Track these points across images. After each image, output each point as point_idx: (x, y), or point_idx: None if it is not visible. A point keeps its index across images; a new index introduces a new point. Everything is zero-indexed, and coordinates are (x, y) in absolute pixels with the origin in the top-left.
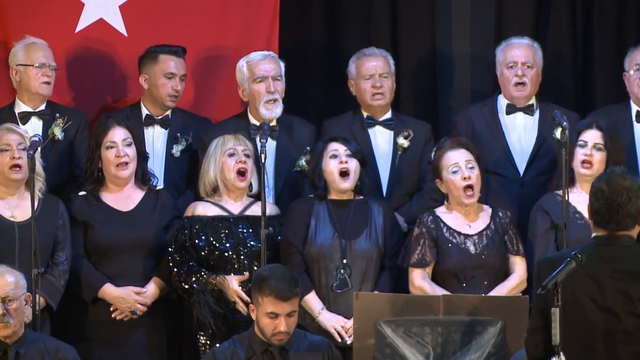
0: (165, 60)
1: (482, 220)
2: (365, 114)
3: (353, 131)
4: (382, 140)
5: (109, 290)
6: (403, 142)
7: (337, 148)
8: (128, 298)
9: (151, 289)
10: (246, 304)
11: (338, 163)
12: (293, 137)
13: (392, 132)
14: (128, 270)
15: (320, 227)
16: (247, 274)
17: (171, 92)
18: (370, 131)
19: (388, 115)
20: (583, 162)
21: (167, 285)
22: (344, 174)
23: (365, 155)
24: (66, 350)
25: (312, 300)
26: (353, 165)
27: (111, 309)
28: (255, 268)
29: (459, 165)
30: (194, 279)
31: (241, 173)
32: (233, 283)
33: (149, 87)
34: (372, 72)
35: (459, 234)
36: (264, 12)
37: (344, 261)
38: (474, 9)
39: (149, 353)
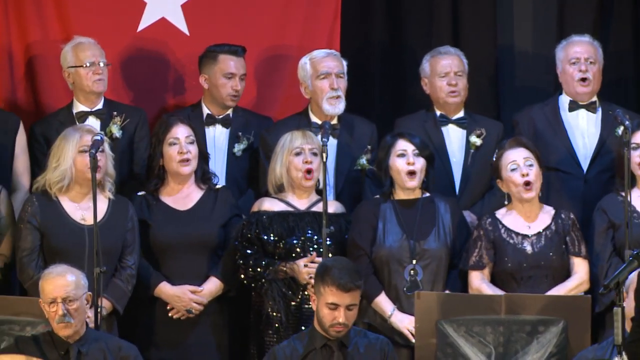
0: (225, 60)
1: (542, 220)
2: (438, 112)
3: (426, 129)
4: (455, 138)
5: (165, 289)
6: (476, 140)
7: (406, 147)
8: (183, 297)
9: (208, 287)
10: None
11: (406, 163)
12: (354, 136)
13: (464, 131)
14: (186, 269)
15: (387, 228)
16: (314, 254)
17: (231, 92)
18: (444, 129)
19: (461, 114)
20: (639, 164)
21: (225, 284)
22: (411, 173)
23: (434, 152)
24: (128, 349)
25: (383, 302)
26: (420, 165)
27: (168, 307)
28: None
29: (517, 162)
30: (261, 268)
31: (308, 172)
32: (302, 265)
33: (209, 87)
34: (447, 70)
35: (517, 234)
36: (326, 10)
37: (414, 262)
38: (535, 7)
39: (212, 352)
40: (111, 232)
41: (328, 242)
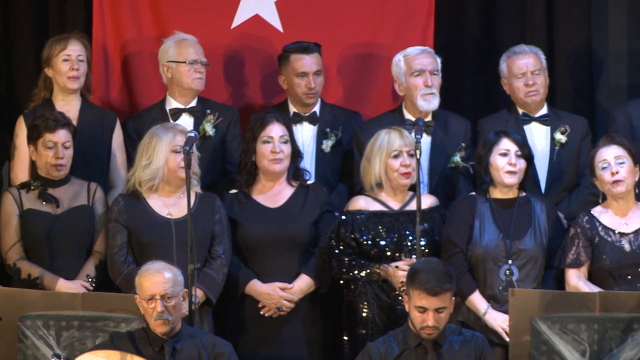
0: (296, 59)
1: (639, 218)
2: (520, 111)
3: (509, 129)
4: (538, 136)
5: (255, 287)
6: (560, 137)
7: (509, 147)
8: (273, 294)
9: (298, 284)
10: None
11: (507, 163)
12: (448, 133)
13: (548, 128)
14: (277, 266)
15: (484, 227)
16: (413, 258)
17: (305, 90)
18: (526, 128)
19: (544, 111)
20: None
21: (316, 281)
22: (512, 173)
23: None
24: (222, 346)
25: (477, 300)
26: (521, 165)
27: (259, 305)
28: None
29: (608, 161)
30: (356, 270)
31: (406, 175)
32: (395, 269)
33: (287, 87)
34: (524, 70)
35: (614, 232)
36: (420, 8)
37: (510, 262)
38: (630, 3)
39: (305, 348)
40: (199, 225)
41: (422, 242)
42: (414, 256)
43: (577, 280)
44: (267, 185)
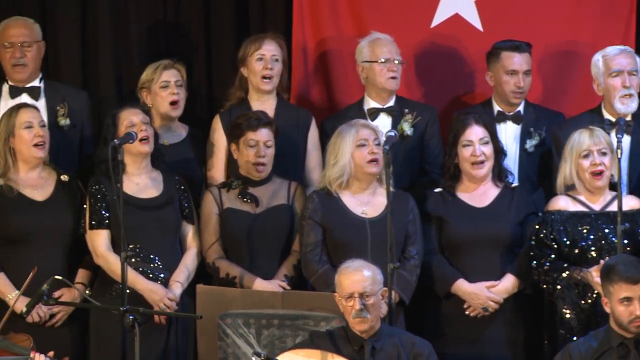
0: (507, 57)
1: None
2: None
3: None
4: None
5: (462, 286)
6: None
7: None
8: (480, 294)
9: (504, 284)
10: None
11: None
12: None
13: None
14: (482, 266)
15: None
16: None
17: (514, 88)
18: None
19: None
20: None
21: (521, 281)
22: None
23: None
24: (422, 346)
25: None
26: None
27: (465, 305)
28: None
29: None
30: (555, 274)
31: (598, 174)
32: (594, 275)
33: (494, 85)
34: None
35: None
36: (620, 7)
37: None
38: None
39: (507, 348)
40: (393, 225)
41: (624, 242)
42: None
43: None
44: (472, 186)
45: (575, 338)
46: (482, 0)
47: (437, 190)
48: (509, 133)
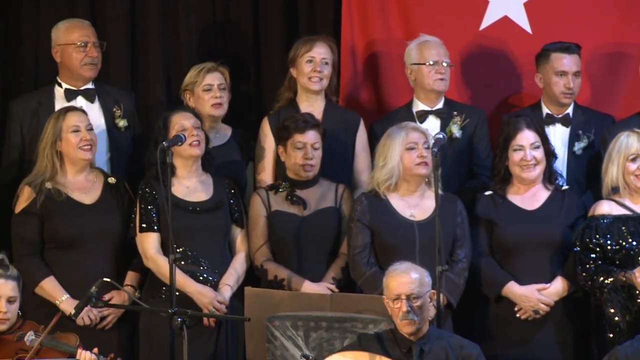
0: (557, 58)
1: None
2: None
3: None
4: None
5: (513, 289)
6: None
7: None
8: (531, 297)
9: (555, 287)
10: None
11: None
12: None
13: None
14: (533, 268)
15: None
16: None
17: (564, 90)
18: None
19: None
20: None
21: (572, 284)
22: None
23: None
24: (470, 348)
25: None
26: None
27: (515, 308)
28: None
29: None
30: (601, 277)
31: None
32: (637, 275)
33: (544, 86)
34: None
35: None
36: None
37: None
38: None
39: (557, 351)
40: (441, 228)
41: None
42: None
43: None
44: (522, 188)
45: (622, 341)
46: (531, 3)
47: (487, 192)
48: (557, 136)
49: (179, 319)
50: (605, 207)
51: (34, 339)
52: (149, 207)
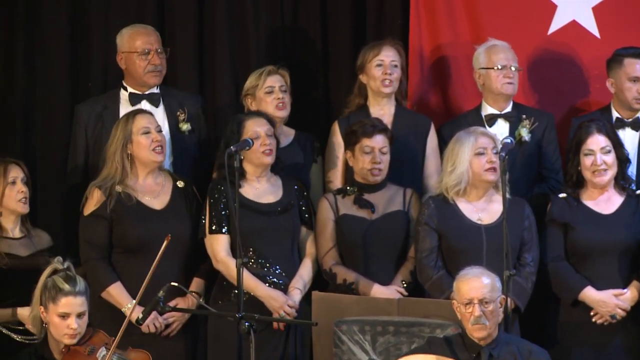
0: (630, 63)
1: None
2: None
3: None
4: None
5: (590, 294)
6: None
7: None
8: (608, 302)
9: (632, 292)
10: None
11: None
12: None
13: None
14: (607, 273)
15: None
16: None
17: (636, 95)
18: None
19: None
20: None
21: None
22: None
23: None
24: (539, 354)
25: None
26: None
27: (591, 313)
28: None
29: None
30: None
31: None
32: None
33: (615, 91)
34: None
35: None
36: None
37: None
38: None
39: (631, 356)
40: (508, 232)
41: None
42: None
43: None
44: (596, 192)
45: None
46: (599, 7)
47: (561, 195)
48: (627, 139)
49: (247, 324)
50: None
51: (105, 354)
52: (219, 209)
